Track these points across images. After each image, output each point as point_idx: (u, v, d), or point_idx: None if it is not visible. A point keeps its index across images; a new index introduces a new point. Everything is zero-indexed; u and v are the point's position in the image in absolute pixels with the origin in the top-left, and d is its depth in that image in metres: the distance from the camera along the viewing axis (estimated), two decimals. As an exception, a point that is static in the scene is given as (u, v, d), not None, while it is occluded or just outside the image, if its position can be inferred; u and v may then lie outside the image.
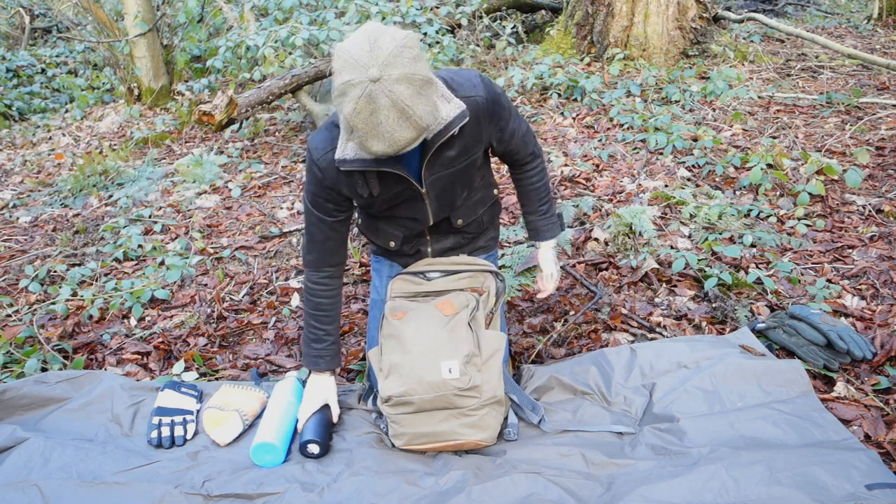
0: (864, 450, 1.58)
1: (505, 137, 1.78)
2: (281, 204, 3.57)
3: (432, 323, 1.70)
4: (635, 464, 1.64)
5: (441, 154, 1.65)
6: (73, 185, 4.02)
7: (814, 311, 2.12)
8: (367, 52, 1.35)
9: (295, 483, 1.66)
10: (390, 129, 1.37)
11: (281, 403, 1.87)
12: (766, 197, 3.02)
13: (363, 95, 1.34)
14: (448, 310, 1.73)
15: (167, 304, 2.68)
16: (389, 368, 1.68)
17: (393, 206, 1.75)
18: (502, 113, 1.72)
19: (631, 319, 2.29)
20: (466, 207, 1.87)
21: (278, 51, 4.46)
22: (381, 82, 1.33)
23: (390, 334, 1.73)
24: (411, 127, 1.39)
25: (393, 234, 1.87)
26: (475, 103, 1.62)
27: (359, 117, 1.36)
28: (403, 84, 1.35)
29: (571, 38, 5.29)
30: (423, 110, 1.39)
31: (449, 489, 1.61)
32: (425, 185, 1.69)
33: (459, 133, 1.63)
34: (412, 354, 1.66)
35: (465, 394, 1.64)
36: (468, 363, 1.65)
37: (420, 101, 1.38)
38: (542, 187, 1.96)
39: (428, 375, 1.63)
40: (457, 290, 1.82)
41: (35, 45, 8.52)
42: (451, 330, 1.69)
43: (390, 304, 1.81)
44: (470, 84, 1.63)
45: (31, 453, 1.75)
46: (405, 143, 1.41)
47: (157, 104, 5.92)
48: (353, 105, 1.35)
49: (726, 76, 4.37)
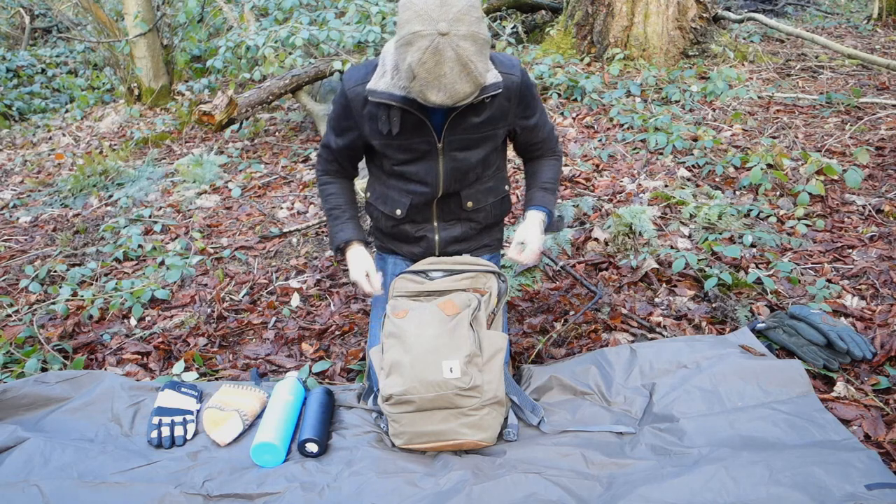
0: (864, 450, 1.58)
1: (529, 125, 1.84)
2: (281, 204, 3.57)
3: (434, 322, 1.70)
4: (635, 464, 1.64)
5: (467, 117, 1.71)
6: (73, 185, 4.02)
7: (814, 311, 2.12)
8: (438, 6, 1.45)
9: (295, 483, 1.66)
10: (452, 81, 1.47)
11: (281, 403, 1.87)
12: (766, 197, 3.02)
13: (431, 47, 1.44)
14: (450, 309, 1.73)
15: (167, 304, 2.68)
16: (390, 367, 1.68)
17: (406, 159, 1.79)
18: (531, 102, 1.81)
19: (631, 319, 2.29)
20: (478, 191, 1.91)
21: (278, 51, 4.46)
22: (448, 37, 1.44)
23: (392, 333, 1.73)
24: (471, 81, 1.49)
25: (400, 200, 1.89)
26: (510, 81, 1.72)
27: (423, 67, 1.46)
28: (469, 41, 1.46)
29: (571, 38, 5.29)
30: (482, 67, 1.51)
31: (449, 489, 1.61)
32: (443, 141, 1.75)
33: (489, 104, 1.71)
34: (413, 353, 1.66)
35: (466, 394, 1.64)
36: (469, 363, 1.65)
37: (480, 60, 1.50)
38: (552, 172, 1.97)
39: (429, 374, 1.63)
40: (459, 291, 1.82)
41: (35, 45, 8.52)
42: (453, 329, 1.69)
43: (392, 303, 1.81)
44: (510, 63, 1.74)
45: (31, 453, 1.75)
46: (463, 96, 1.51)
47: (157, 104, 5.92)
48: (420, 55, 1.45)
49: (726, 76, 4.37)
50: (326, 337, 2.39)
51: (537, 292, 2.52)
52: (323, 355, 2.28)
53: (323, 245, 3.06)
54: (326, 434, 1.82)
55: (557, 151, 2.00)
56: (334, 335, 2.39)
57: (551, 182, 1.96)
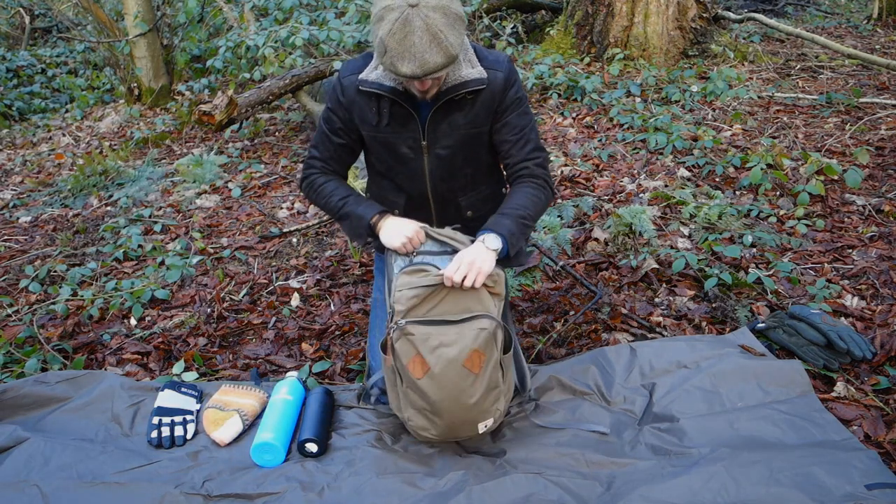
0: (863, 450, 1.58)
1: (502, 122, 1.73)
2: (281, 204, 3.57)
3: (465, 392, 1.58)
4: (635, 463, 1.64)
5: (450, 113, 1.70)
6: (73, 185, 4.02)
7: (814, 311, 2.12)
8: None
9: (295, 482, 1.66)
10: (421, 51, 1.47)
11: (281, 403, 1.87)
12: (766, 197, 3.02)
13: (400, 18, 1.46)
14: (476, 365, 1.58)
15: (167, 304, 2.68)
16: (418, 411, 1.66)
17: (393, 153, 1.77)
18: (511, 95, 1.72)
19: (631, 319, 2.29)
20: (476, 199, 1.88)
21: (278, 51, 4.46)
22: (418, 8, 1.46)
23: (410, 386, 1.62)
24: (441, 52, 1.49)
25: (395, 201, 1.88)
26: (495, 76, 1.69)
27: (393, 38, 1.47)
28: (438, 13, 1.47)
29: (571, 38, 5.29)
30: (454, 39, 1.50)
31: (449, 489, 1.61)
32: (427, 139, 1.73)
33: (473, 101, 1.69)
34: (447, 421, 1.63)
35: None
36: (498, 401, 1.68)
37: (451, 32, 1.49)
38: (526, 199, 1.73)
39: (464, 433, 1.68)
40: (477, 317, 1.61)
41: (35, 45, 8.52)
42: (486, 391, 1.61)
43: (401, 344, 1.60)
44: (496, 59, 1.71)
45: (31, 453, 1.75)
46: (434, 66, 1.50)
47: (157, 104, 5.92)
48: (390, 27, 1.47)
49: (726, 76, 4.36)
50: (326, 337, 2.39)
51: (537, 292, 2.52)
52: (323, 355, 2.28)
53: (323, 245, 3.06)
54: (326, 434, 1.82)
55: (542, 178, 1.76)
56: (334, 335, 2.39)
57: (520, 209, 1.70)
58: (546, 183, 1.78)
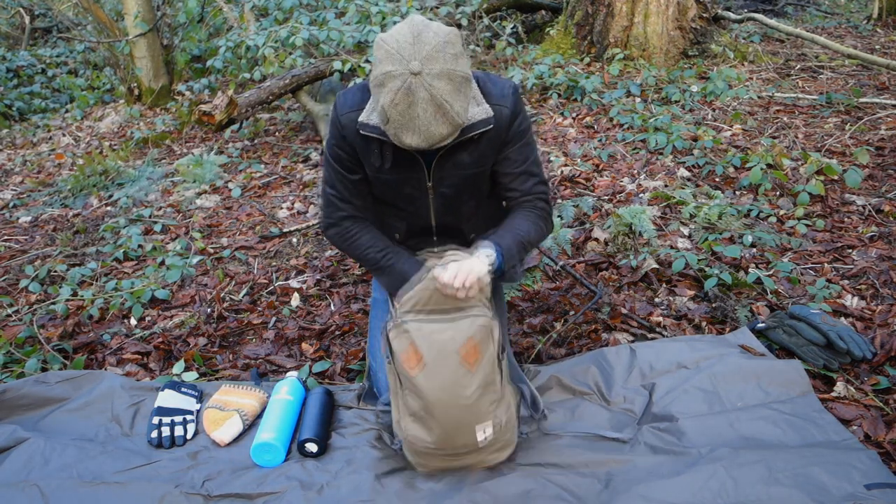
0: (863, 450, 1.58)
1: (503, 153, 1.67)
2: (281, 204, 3.57)
3: (459, 385, 1.54)
4: (634, 460, 1.64)
5: (455, 154, 1.62)
6: (73, 185, 4.02)
7: (814, 311, 2.12)
8: (410, 44, 1.37)
9: (295, 482, 1.66)
10: (426, 123, 1.39)
11: (281, 403, 1.87)
12: (766, 197, 3.02)
13: (402, 88, 1.36)
14: (473, 360, 1.55)
15: (167, 304, 2.68)
16: (415, 417, 1.61)
17: (397, 192, 1.72)
18: (515, 127, 1.65)
19: (631, 319, 2.29)
20: (477, 221, 1.82)
21: (278, 51, 4.46)
22: (421, 76, 1.36)
23: (408, 387, 1.59)
24: (447, 123, 1.41)
25: (396, 226, 1.84)
26: (501, 113, 1.60)
27: (396, 109, 1.38)
28: (443, 80, 1.37)
29: (571, 38, 5.29)
30: (460, 107, 1.41)
31: (448, 489, 1.61)
32: (432, 180, 1.67)
33: (479, 139, 1.61)
34: (443, 426, 1.56)
35: (495, 440, 1.63)
36: (497, 408, 1.61)
37: (458, 99, 1.40)
38: (526, 224, 1.70)
39: (461, 439, 1.58)
40: (472, 308, 1.60)
41: (35, 45, 8.52)
42: (481, 387, 1.56)
43: (396, 337, 1.60)
44: (501, 93, 1.61)
45: (31, 453, 1.75)
46: (439, 139, 1.42)
47: (157, 104, 5.92)
48: (392, 96, 1.37)
49: (726, 76, 4.36)
50: (326, 337, 2.39)
51: (537, 292, 2.52)
52: (323, 355, 2.28)
53: (323, 245, 3.06)
54: (326, 434, 1.82)
55: (545, 211, 1.74)
56: (334, 335, 2.39)
57: (522, 232, 1.68)
58: (549, 216, 1.77)
